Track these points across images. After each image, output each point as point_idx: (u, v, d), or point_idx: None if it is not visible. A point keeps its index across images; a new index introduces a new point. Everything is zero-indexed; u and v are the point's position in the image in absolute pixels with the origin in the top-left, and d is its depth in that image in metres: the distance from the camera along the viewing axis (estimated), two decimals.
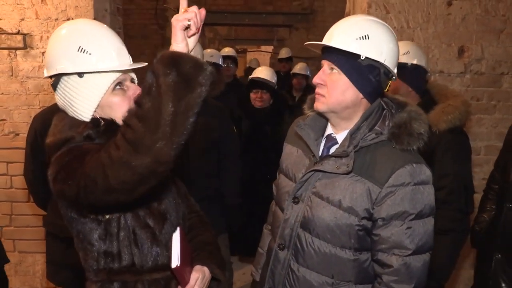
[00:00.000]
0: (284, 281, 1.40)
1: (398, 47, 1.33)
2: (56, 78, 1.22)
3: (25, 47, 2.80)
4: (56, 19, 2.77)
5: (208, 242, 1.45)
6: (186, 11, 1.03)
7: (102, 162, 1.01)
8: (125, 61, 1.24)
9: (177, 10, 1.05)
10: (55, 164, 1.15)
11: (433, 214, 1.30)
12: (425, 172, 1.28)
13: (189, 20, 1.01)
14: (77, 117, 1.22)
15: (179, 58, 0.97)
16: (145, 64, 1.25)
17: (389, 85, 1.35)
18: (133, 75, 1.31)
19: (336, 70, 1.29)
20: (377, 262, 1.30)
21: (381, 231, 1.27)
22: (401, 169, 1.25)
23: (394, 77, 1.34)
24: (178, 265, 1.21)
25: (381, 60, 1.27)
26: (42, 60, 2.82)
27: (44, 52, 2.80)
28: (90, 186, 1.04)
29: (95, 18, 2.73)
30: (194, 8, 1.03)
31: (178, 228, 1.31)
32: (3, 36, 2.79)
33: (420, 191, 1.26)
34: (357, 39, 1.27)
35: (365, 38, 1.27)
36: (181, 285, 1.29)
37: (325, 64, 1.32)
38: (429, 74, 2.15)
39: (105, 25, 1.27)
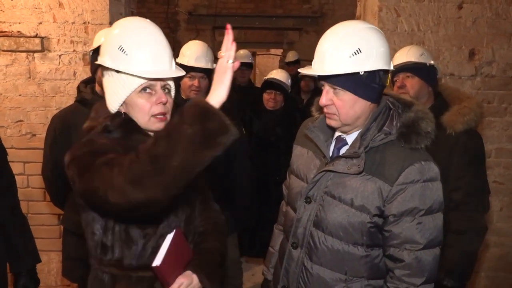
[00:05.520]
0: (298, 279, 1.42)
1: (387, 45, 1.33)
2: (102, 67, 1.30)
3: (42, 50, 2.87)
4: (73, 23, 2.84)
5: (210, 251, 1.41)
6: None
7: (106, 179, 1.05)
8: (161, 67, 1.24)
9: (188, 14, 1.09)
10: (71, 151, 1.22)
11: (441, 210, 1.34)
12: (434, 169, 1.31)
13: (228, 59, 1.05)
14: (108, 106, 1.31)
15: (209, 114, 0.98)
16: (173, 76, 1.26)
17: (389, 78, 1.37)
18: (170, 82, 1.30)
19: (340, 89, 1.30)
20: (389, 257, 1.33)
21: (393, 227, 1.31)
22: (410, 167, 1.28)
23: (391, 69, 1.36)
24: (158, 265, 1.21)
25: (379, 67, 1.28)
26: (59, 62, 2.89)
27: (61, 55, 2.88)
28: (90, 193, 1.12)
29: (111, 22, 2.79)
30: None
31: (175, 230, 1.29)
32: (21, 39, 2.87)
33: (429, 188, 1.30)
34: (350, 56, 1.26)
35: (358, 53, 1.25)
36: (163, 286, 1.28)
37: (326, 85, 1.33)
38: (438, 75, 2.17)
39: (155, 29, 1.27)
